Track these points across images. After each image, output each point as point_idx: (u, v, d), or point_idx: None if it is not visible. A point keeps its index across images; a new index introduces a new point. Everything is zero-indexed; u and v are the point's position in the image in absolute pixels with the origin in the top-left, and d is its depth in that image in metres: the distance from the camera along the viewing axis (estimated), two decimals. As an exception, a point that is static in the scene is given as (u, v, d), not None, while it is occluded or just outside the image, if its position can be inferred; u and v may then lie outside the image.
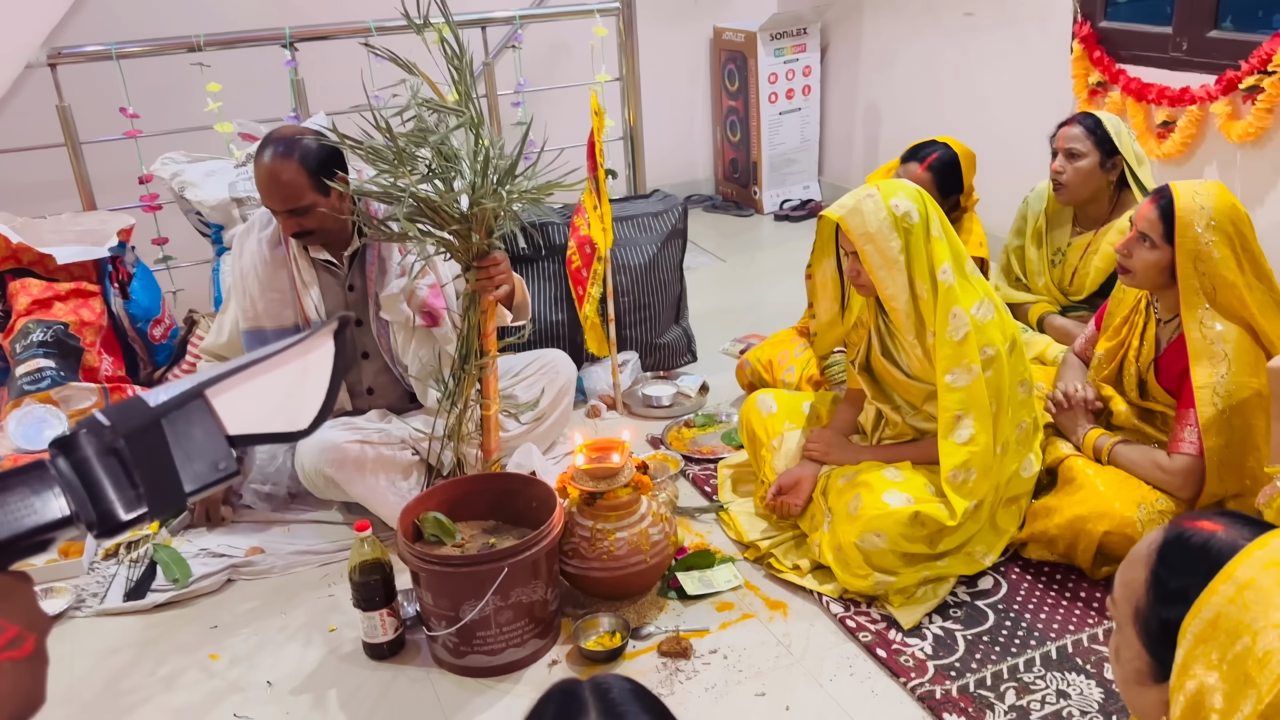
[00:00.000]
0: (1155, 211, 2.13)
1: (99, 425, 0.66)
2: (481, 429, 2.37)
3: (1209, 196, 2.10)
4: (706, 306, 3.76)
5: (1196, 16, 3.28)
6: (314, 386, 0.74)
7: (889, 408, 2.31)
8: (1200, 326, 2.09)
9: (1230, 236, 2.08)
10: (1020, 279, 2.99)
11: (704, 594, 2.23)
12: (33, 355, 2.78)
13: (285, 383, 0.73)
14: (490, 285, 2.22)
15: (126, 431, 0.66)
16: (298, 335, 0.76)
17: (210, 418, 0.69)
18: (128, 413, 0.67)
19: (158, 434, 0.67)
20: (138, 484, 0.65)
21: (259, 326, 2.49)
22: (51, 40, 3.50)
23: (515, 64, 3.83)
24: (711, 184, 5.39)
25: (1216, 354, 2.08)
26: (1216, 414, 2.07)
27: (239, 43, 3.48)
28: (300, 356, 0.74)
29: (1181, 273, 2.10)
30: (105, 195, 3.42)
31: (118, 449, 0.65)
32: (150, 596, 2.31)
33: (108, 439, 0.65)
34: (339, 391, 0.76)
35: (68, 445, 0.65)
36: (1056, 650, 2.01)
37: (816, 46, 4.92)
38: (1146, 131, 3.43)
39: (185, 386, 0.69)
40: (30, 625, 0.65)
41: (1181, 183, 2.15)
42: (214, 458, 0.68)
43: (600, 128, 2.85)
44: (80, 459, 0.65)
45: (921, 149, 2.81)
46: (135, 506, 0.65)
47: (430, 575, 1.98)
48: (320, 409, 0.74)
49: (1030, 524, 2.24)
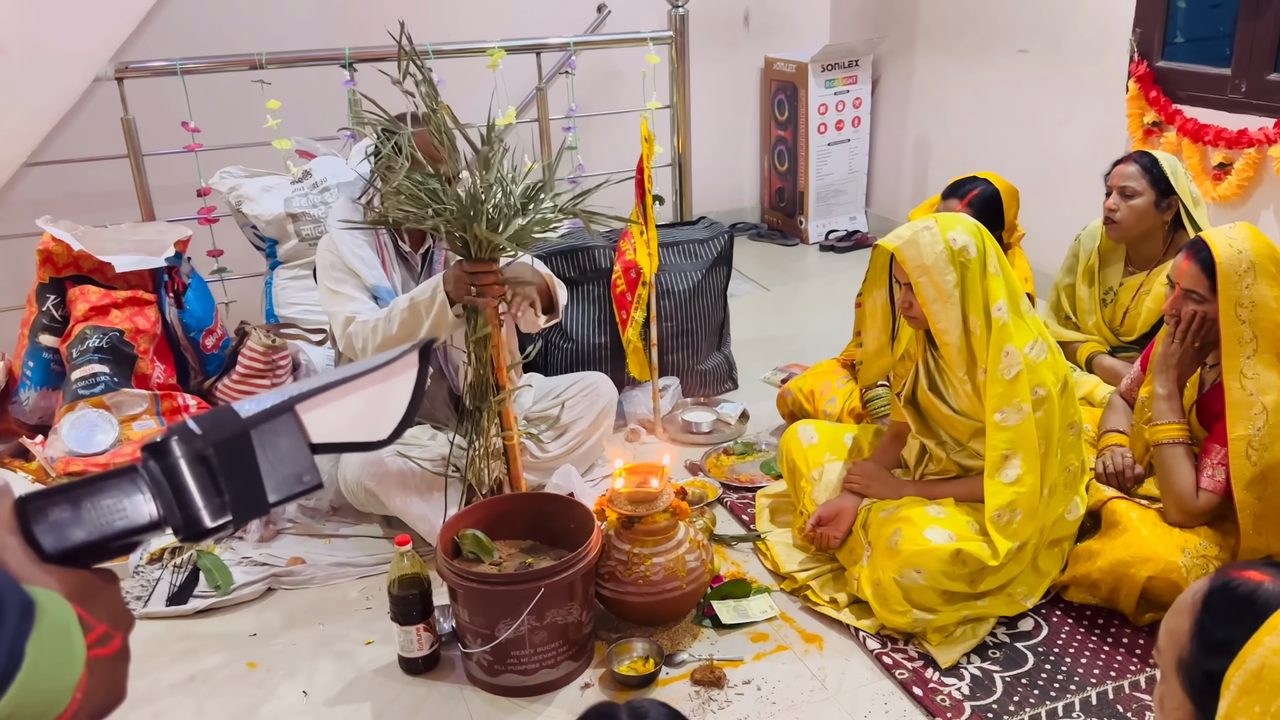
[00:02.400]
0: (1196, 267, 2.11)
1: (190, 433, 0.67)
2: (507, 457, 2.36)
3: (1244, 240, 2.08)
4: (749, 334, 3.76)
5: (1256, 58, 3.24)
6: (396, 403, 0.76)
7: (934, 443, 2.29)
8: (1241, 378, 2.06)
9: (1272, 275, 2.06)
10: (1070, 317, 2.96)
11: (739, 624, 2.21)
12: (88, 360, 2.85)
13: (371, 398, 0.75)
14: (465, 290, 2.14)
15: (216, 441, 0.67)
16: (387, 355, 0.78)
17: (298, 431, 0.70)
18: (219, 422, 0.68)
19: (246, 444, 0.68)
20: (224, 492, 0.67)
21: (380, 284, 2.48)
22: (119, 55, 3.61)
23: (568, 89, 3.87)
24: (757, 212, 5.39)
25: (1255, 406, 2.04)
26: (1250, 468, 2.03)
27: (299, 61, 3.56)
28: (387, 378, 0.76)
29: (1224, 320, 2.06)
30: (164, 207, 3.50)
31: (207, 457, 0.67)
32: (192, 602, 2.34)
33: (198, 447, 0.67)
34: (419, 408, 0.78)
35: (159, 450, 0.67)
36: (1097, 696, 1.97)
37: (868, 79, 4.93)
38: (1202, 173, 3.39)
39: (277, 399, 0.71)
40: (116, 623, 0.67)
41: (1212, 232, 2.13)
42: (298, 470, 0.70)
43: (649, 154, 2.87)
44: (170, 465, 0.67)
45: (962, 185, 2.79)
46: (221, 514, 0.67)
47: (467, 592, 1.99)
48: (400, 423, 0.76)
49: (1073, 567, 2.20)
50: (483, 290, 2.15)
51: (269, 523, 2.57)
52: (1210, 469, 2.11)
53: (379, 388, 0.76)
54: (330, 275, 2.48)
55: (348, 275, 2.47)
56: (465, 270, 2.15)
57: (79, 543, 0.64)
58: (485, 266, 2.14)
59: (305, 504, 2.64)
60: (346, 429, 0.74)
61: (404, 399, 0.76)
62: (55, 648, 0.61)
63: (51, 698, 0.61)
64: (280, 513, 2.62)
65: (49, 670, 0.60)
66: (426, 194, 2.08)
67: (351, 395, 0.74)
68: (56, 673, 0.61)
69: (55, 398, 2.92)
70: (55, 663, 0.61)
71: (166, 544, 2.51)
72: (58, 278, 3.02)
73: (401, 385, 0.77)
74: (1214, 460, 2.10)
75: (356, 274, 2.46)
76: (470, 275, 2.15)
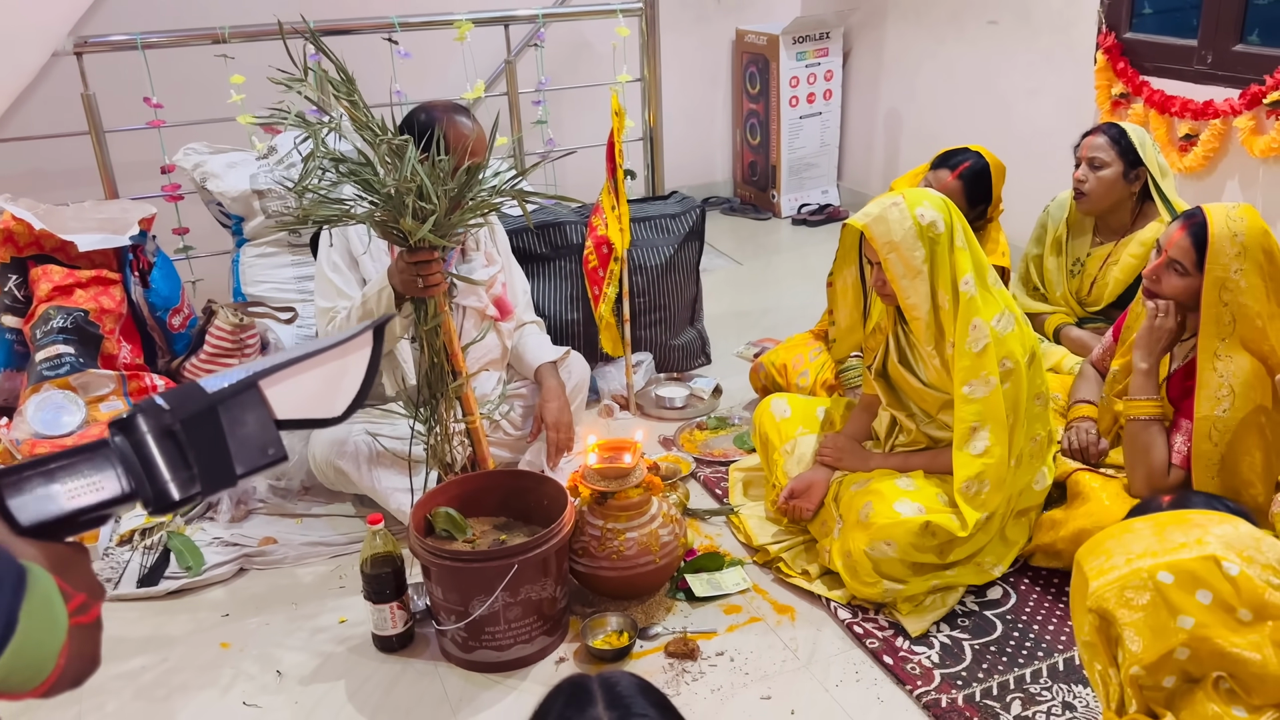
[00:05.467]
0: (1188, 239, 2.06)
1: (157, 408, 0.70)
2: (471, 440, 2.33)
3: (1242, 222, 2.03)
4: (722, 309, 3.76)
5: (1222, 30, 3.26)
6: (351, 379, 0.79)
7: (904, 415, 2.31)
8: (1214, 359, 2.05)
9: (1261, 265, 2.02)
10: (1038, 288, 2.98)
11: (712, 596, 2.23)
12: (53, 341, 2.81)
13: (327, 374, 0.78)
14: (412, 284, 2.10)
15: (184, 416, 0.70)
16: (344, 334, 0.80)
17: (263, 406, 0.73)
18: (185, 398, 0.71)
19: (213, 419, 0.71)
20: (191, 465, 0.69)
21: None
22: (78, 29, 3.53)
23: (537, 62, 3.84)
24: (730, 187, 5.39)
25: (1223, 388, 2.04)
26: (1212, 449, 2.05)
27: (264, 35, 3.50)
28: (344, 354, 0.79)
29: (1206, 300, 2.04)
30: (127, 184, 3.44)
31: (174, 431, 0.69)
32: (163, 584, 2.33)
33: (166, 421, 0.69)
34: (373, 384, 0.81)
35: (126, 426, 0.69)
36: (1063, 662, 2.00)
37: (839, 51, 4.92)
38: (1168, 144, 3.42)
39: (242, 375, 0.73)
40: (93, 593, 0.70)
41: (1214, 206, 2.07)
42: (264, 443, 0.73)
43: (620, 128, 2.85)
44: (138, 439, 0.69)
45: (953, 156, 2.79)
46: (189, 487, 0.70)
47: (441, 570, 1.99)
48: (354, 399, 0.79)
49: (1038, 536, 2.23)
50: (429, 281, 2.10)
51: (240, 503, 2.56)
52: (1180, 444, 2.13)
53: (335, 365, 0.78)
54: (330, 258, 2.45)
55: (346, 261, 2.44)
56: (408, 262, 2.09)
57: (54, 516, 0.66)
58: (427, 256, 2.08)
59: (276, 484, 2.62)
60: (305, 405, 0.76)
61: (358, 376, 0.79)
62: (43, 615, 0.64)
63: (38, 664, 0.64)
64: (252, 493, 2.60)
65: (38, 637, 0.63)
66: (361, 185, 2.01)
67: (310, 371, 0.76)
68: (43, 639, 0.64)
69: (19, 379, 2.88)
70: (43, 630, 0.64)
71: (136, 525, 2.50)
72: (19, 257, 2.96)
73: (356, 363, 0.79)
74: (1184, 436, 2.12)
75: (357, 261, 2.44)
76: (413, 267, 2.09)
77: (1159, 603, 1.15)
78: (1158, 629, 1.15)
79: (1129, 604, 1.17)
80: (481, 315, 2.52)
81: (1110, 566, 1.20)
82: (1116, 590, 1.18)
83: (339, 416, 0.78)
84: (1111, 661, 1.22)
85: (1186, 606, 1.14)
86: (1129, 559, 1.19)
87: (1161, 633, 1.15)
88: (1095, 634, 1.21)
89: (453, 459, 2.27)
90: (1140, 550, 1.20)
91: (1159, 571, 1.16)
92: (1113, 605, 1.18)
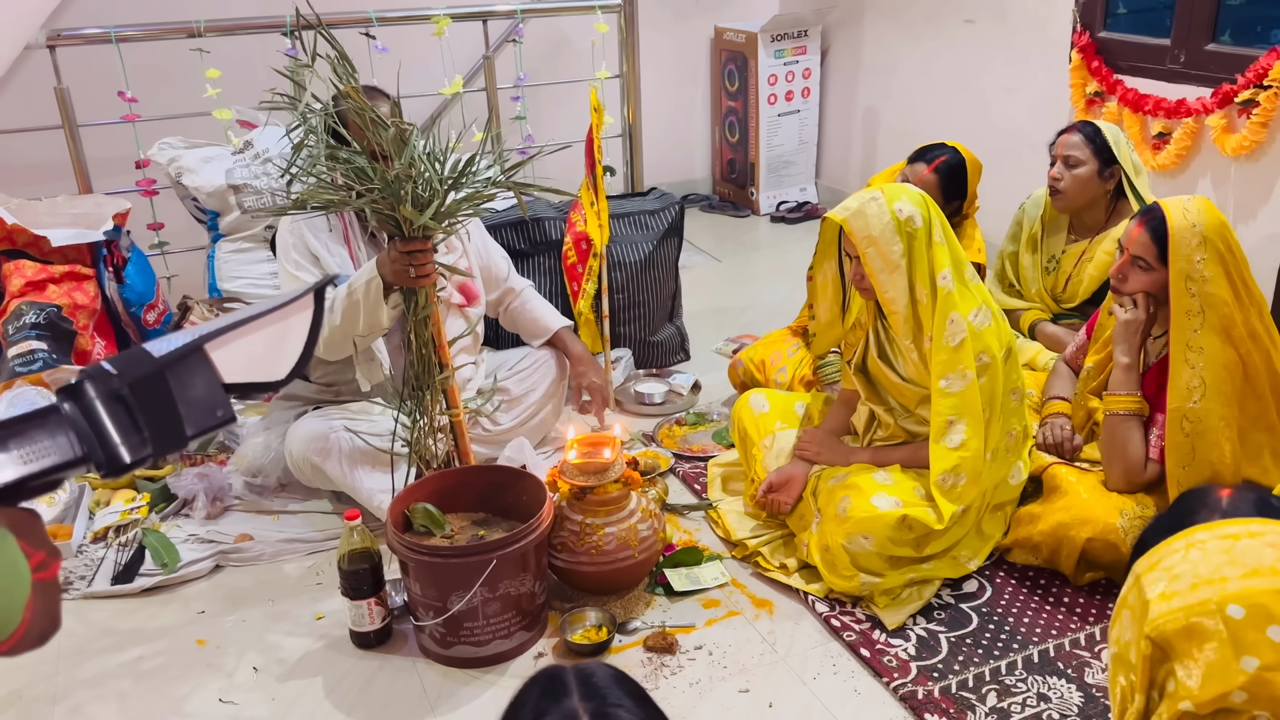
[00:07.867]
0: (1147, 235, 2.10)
1: (105, 373, 0.70)
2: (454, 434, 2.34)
3: (1199, 214, 2.07)
4: (700, 305, 3.77)
5: (1195, 29, 3.30)
6: (294, 342, 0.80)
7: (882, 409, 2.32)
8: (1187, 351, 2.07)
9: (1221, 254, 2.06)
10: (1014, 285, 3.00)
11: (691, 591, 2.24)
12: (25, 337, 2.78)
13: (270, 338, 0.79)
14: (404, 274, 2.09)
15: (132, 379, 0.70)
16: (287, 295, 0.81)
17: (210, 368, 0.74)
18: (132, 362, 0.71)
19: (161, 382, 0.72)
20: (142, 428, 0.70)
21: None
22: (51, 22, 3.50)
23: (516, 58, 3.83)
24: (709, 184, 5.40)
25: (1194, 379, 2.07)
26: (1184, 439, 2.08)
27: (239, 29, 3.48)
28: (286, 317, 0.80)
29: (1174, 292, 2.07)
30: (101, 179, 3.41)
31: (123, 395, 0.70)
32: (138, 581, 2.31)
33: (114, 386, 0.70)
34: (315, 347, 0.82)
35: (74, 391, 0.70)
36: (1039, 654, 2.02)
37: (817, 49, 4.94)
38: (1142, 143, 3.45)
39: (186, 339, 0.74)
40: (51, 553, 0.71)
41: (1170, 200, 2.12)
42: (212, 404, 0.74)
43: (599, 124, 2.85)
44: (87, 405, 0.69)
45: (929, 151, 2.81)
46: (140, 449, 0.70)
47: (419, 565, 1.99)
48: (297, 362, 0.80)
49: (1015, 530, 2.25)
50: (420, 271, 2.10)
51: (216, 500, 2.54)
52: (1156, 439, 2.15)
53: (278, 327, 0.79)
54: (291, 257, 2.43)
55: (308, 259, 2.42)
56: (400, 251, 2.08)
57: (8, 482, 0.67)
58: (420, 245, 2.07)
59: (252, 481, 2.61)
60: (249, 368, 0.77)
61: (300, 339, 0.80)
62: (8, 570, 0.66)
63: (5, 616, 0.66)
64: (228, 490, 2.58)
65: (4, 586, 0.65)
66: (354, 173, 2.01)
67: (253, 334, 0.78)
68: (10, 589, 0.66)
69: (-9, 375, 2.85)
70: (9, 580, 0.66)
71: (111, 522, 2.48)
72: (-9, 252, 2.94)
73: (298, 325, 0.80)
74: (1160, 430, 2.14)
75: (318, 258, 2.42)
76: (406, 256, 2.08)
77: (1226, 640, 1.03)
78: (1220, 669, 1.03)
79: (1193, 638, 1.05)
80: (448, 304, 2.50)
81: (1174, 592, 1.07)
82: (1181, 619, 1.05)
83: (282, 380, 0.80)
84: (1145, 685, 1.10)
85: (1255, 646, 1.02)
86: (1194, 584, 1.06)
87: (1223, 673, 1.03)
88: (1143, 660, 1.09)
89: (434, 453, 2.26)
90: (1208, 573, 1.06)
91: (1229, 605, 1.03)
92: (1175, 638, 1.06)
